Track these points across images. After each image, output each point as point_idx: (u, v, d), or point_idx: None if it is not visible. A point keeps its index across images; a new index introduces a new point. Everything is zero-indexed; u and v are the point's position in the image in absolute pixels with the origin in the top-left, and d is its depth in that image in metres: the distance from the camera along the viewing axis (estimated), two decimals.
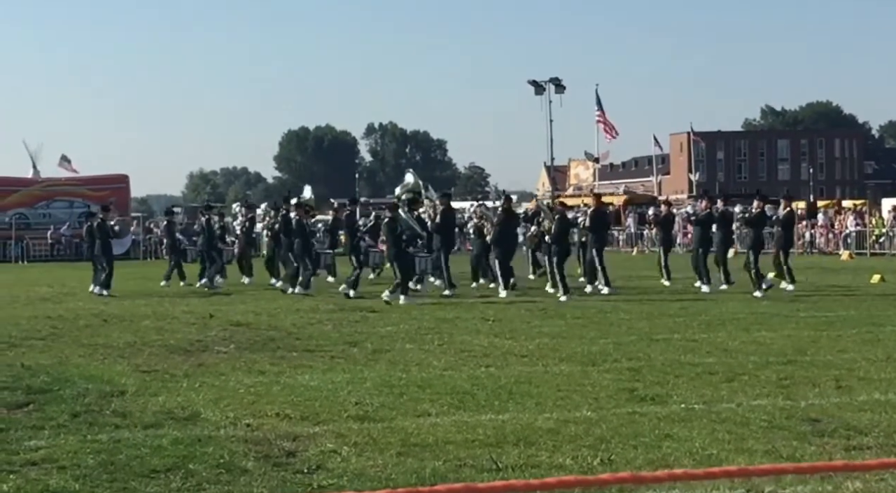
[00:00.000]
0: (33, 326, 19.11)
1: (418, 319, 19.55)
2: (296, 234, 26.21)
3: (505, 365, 13.68)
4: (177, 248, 31.43)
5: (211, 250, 28.95)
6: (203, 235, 29.72)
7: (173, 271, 30.55)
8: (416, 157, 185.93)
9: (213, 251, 28.95)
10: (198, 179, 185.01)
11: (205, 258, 29.39)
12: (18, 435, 9.61)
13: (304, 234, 26.33)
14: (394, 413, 10.53)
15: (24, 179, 58.82)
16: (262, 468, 8.43)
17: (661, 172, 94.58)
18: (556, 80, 70.69)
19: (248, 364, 13.97)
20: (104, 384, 12.33)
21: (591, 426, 9.78)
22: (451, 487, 2.91)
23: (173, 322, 19.47)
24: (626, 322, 18.67)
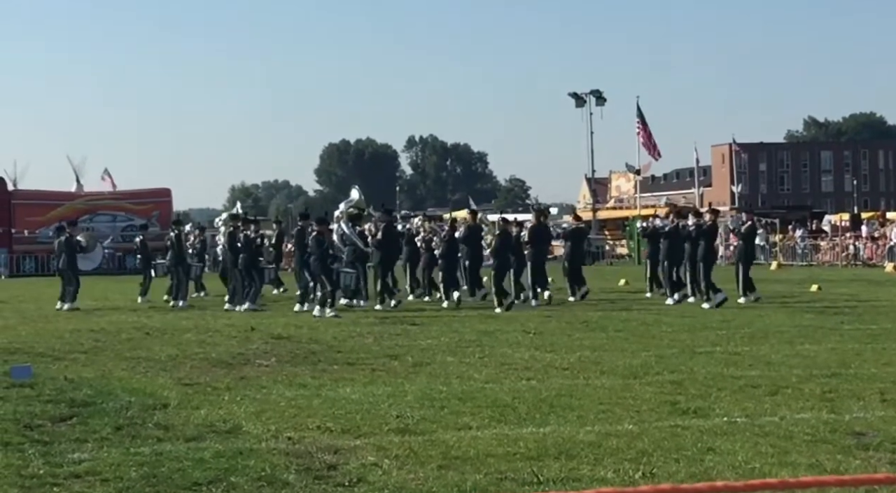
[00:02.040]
0: (76, 339, 19.23)
1: (459, 332, 19.53)
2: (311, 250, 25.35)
3: (546, 378, 13.64)
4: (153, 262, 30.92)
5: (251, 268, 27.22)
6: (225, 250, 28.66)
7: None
8: (456, 169, 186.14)
9: (254, 270, 27.29)
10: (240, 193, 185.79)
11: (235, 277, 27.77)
12: (62, 448, 9.67)
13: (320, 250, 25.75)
14: (434, 426, 10.51)
15: (67, 194, 59.29)
16: (303, 481, 8.44)
17: (702, 184, 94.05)
18: (596, 93, 70.77)
19: (289, 377, 13.99)
20: (147, 397, 12.39)
21: (633, 440, 9.73)
22: None
23: (215, 335, 19.54)
24: (667, 335, 18.58)
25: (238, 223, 28.20)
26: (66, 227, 29.60)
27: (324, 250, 24.75)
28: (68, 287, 27.67)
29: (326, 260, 24.98)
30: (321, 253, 24.70)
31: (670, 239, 26.92)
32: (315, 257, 24.82)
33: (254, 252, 26.96)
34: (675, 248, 26.67)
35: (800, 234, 58.36)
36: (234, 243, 27.33)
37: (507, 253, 26.24)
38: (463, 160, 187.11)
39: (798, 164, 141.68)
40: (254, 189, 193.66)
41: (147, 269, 31.23)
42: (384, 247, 27.37)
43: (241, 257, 26.77)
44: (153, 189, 60.88)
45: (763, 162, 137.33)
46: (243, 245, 26.93)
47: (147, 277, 30.96)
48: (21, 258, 54.30)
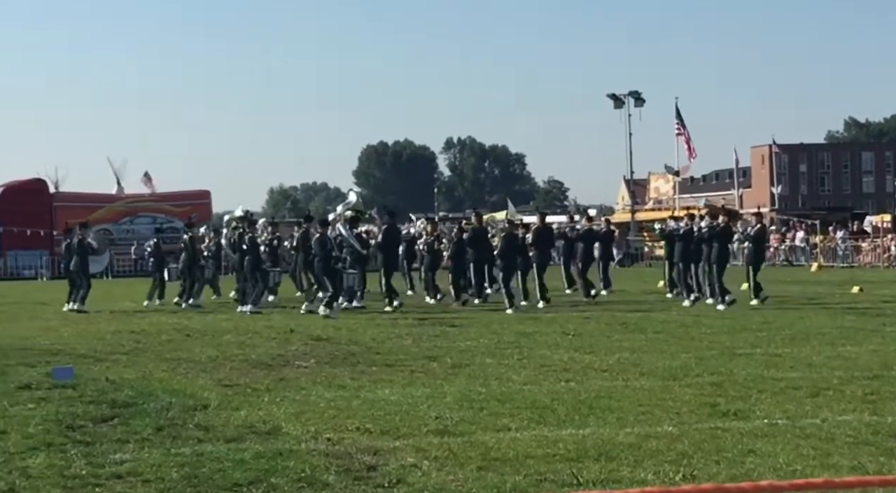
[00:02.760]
0: (117, 340, 19.37)
1: (498, 333, 19.53)
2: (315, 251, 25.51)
3: (585, 379, 13.61)
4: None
5: (255, 269, 27.02)
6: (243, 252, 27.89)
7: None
8: (494, 171, 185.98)
9: (258, 271, 27.08)
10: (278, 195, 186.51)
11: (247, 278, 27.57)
12: (104, 448, 9.73)
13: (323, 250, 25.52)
14: (474, 428, 10.51)
15: (108, 196, 59.75)
16: (342, 482, 8.45)
17: (742, 185, 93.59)
18: (635, 94, 70.50)
19: (328, 379, 14.03)
20: (187, 398, 12.45)
21: (673, 442, 9.69)
22: None
23: (254, 337, 19.62)
24: (707, 337, 18.50)
25: (244, 225, 28.26)
26: (78, 229, 29.65)
27: (327, 251, 24.91)
28: (80, 289, 27.76)
29: (330, 261, 25.12)
30: (325, 254, 24.85)
31: (685, 241, 26.98)
32: (319, 259, 24.97)
33: (258, 254, 27.00)
34: (689, 249, 26.69)
35: (840, 235, 57.97)
36: (241, 245, 27.42)
37: (514, 255, 26.56)
38: (501, 162, 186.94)
39: (839, 165, 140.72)
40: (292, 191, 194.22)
41: (158, 272, 30.95)
42: (385, 249, 27.76)
43: (247, 258, 26.85)
44: (193, 191, 61.27)
45: (803, 163, 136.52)
46: (248, 247, 26.99)
47: (158, 280, 30.60)
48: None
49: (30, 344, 18.86)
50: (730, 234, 26.44)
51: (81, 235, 28.75)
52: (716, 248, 25.71)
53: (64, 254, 29.76)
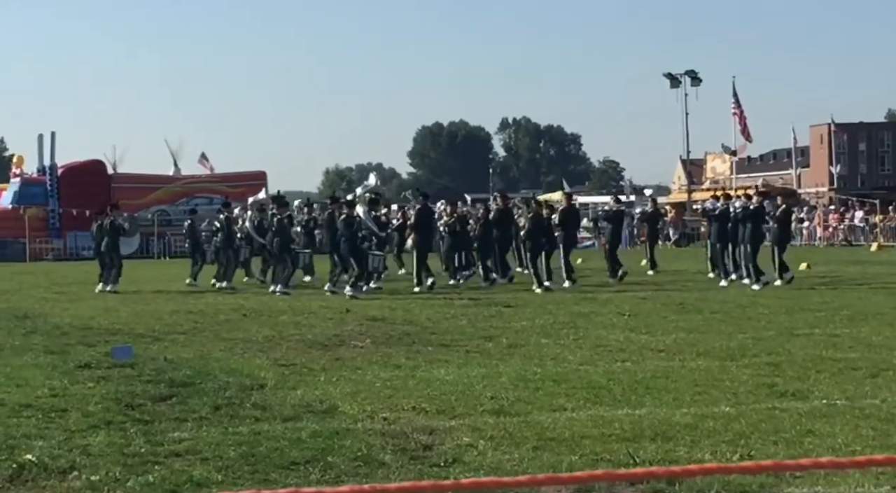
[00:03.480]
0: (175, 320, 19.52)
1: (553, 314, 19.49)
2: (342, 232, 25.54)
3: (641, 360, 13.56)
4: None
5: (283, 251, 27.03)
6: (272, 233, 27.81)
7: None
8: (549, 151, 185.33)
9: (286, 253, 27.08)
10: (333, 176, 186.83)
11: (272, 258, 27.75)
12: (163, 427, 9.83)
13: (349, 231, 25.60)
14: (529, 408, 10.51)
15: (165, 177, 60.15)
16: (399, 461, 8.48)
17: (800, 164, 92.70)
18: (692, 73, 70.08)
19: (384, 358, 14.07)
20: (244, 378, 12.54)
21: (730, 422, 9.64)
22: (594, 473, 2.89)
23: (311, 317, 19.70)
24: (765, 317, 18.36)
25: (274, 206, 28.27)
26: (109, 210, 29.71)
27: (353, 232, 24.97)
28: (111, 270, 27.80)
29: (356, 242, 25.15)
30: (351, 235, 24.90)
31: (720, 221, 26.87)
32: (345, 239, 25.02)
33: (287, 235, 27.04)
34: (725, 229, 26.57)
35: None
36: (270, 226, 27.44)
37: (540, 236, 26.63)
38: (556, 142, 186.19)
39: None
40: (347, 172, 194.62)
41: (196, 252, 30.94)
42: (419, 230, 27.85)
43: (275, 240, 26.89)
44: (249, 172, 61.54)
45: (863, 142, 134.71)
46: (277, 228, 27.01)
47: (196, 261, 30.55)
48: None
49: (89, 324, 19.05)
50: (763, 214, 26.21)
51: (113, 217, 28.87)
52: (749, 228, 25.56)
53: (95, 235, 29.83)
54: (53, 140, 57.46)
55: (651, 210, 34.85)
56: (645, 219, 33.96)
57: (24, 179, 56.92)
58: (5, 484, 8.01)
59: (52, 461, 8.50)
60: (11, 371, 13.19)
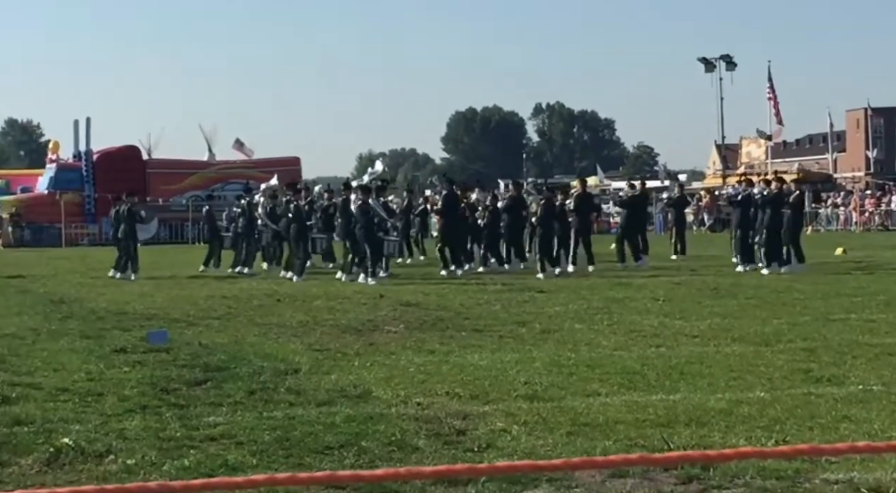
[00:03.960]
0: (210, 305, 19.60)
1: (587, 299, 19.45)
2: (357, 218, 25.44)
3: (676, 345, 13.52)
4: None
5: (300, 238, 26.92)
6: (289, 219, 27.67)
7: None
8: (583, 136, 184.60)
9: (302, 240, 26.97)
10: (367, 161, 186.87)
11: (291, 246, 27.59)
12: (198, 411, 9.88)
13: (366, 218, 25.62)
14: (563, 393, 10.50)
15: (200, 162, 60.39)
16: (432, 446, 8.49)
17: (836, 149, 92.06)
18: (726, 58, 69.69)
19: (417, 343, 14.09)
20: (278, 363, 12.58)
21: (765, 407, 9.60)
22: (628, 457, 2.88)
23: (344, 302, 19.74)
24: (800, 302, 18.26)
25: (290, 193, 28.26)
26: (125, 197, 29.72)
27: (369, 218, 24.97)
28: (124, 258, 27.73)
29: (373, 228, 25.15)
30: (367, 222, 24.90)
31: (742, 207, 26.71)
32: (360, 226, 24.99)
33: (303, 222, 27.05)
34: (748, 215, 26.46)
35: None
36: (286, 213, 27.45)
37: (552, 222, 26.73)
38: (590, 127, 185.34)
39: None
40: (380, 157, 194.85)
41: (215, 239, 31.00)
42: (445, 215, 27.87)
43: (292, 226, 26.91)
44: (283, 158, 61.67)
45: None
46: (294, 215, 27.01)
47: (214, 247, 30.62)
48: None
49: (125, 309, 19.17)
50: (782, 201, 26.00)
51: (129, 204, 28.93)
52: (767, 214, 25.43)
53: (113, 222, 29.93)
54: (89, 126, 57.79)
55: (677, 195, 34.72)
56: (672, 204, 33.82)
57: (59, 165, 57.30)
58: (43, 468, 8.08)
59: (89, 445, 8.55)
60: (48, 356, 13.29)
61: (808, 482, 7.23)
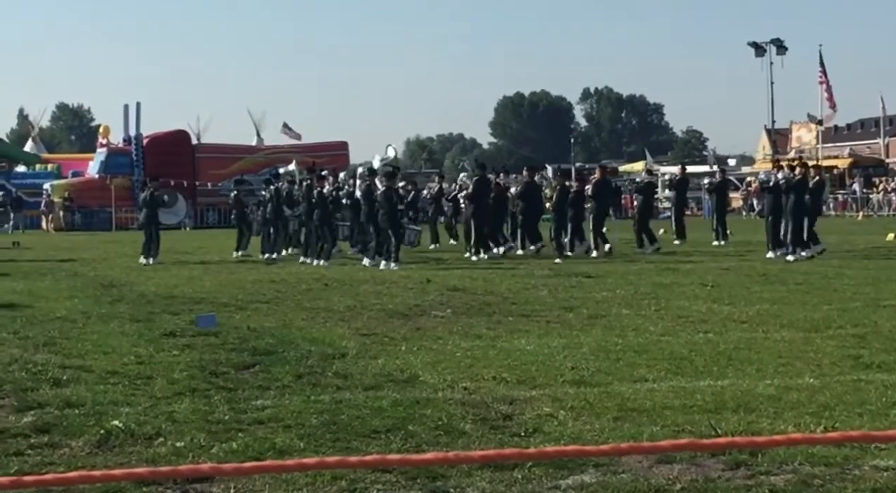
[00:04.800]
0: (258, 289, 19.71)
1: (635, 284, 19.39)
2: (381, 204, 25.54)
3: (724, 331, 13.45)
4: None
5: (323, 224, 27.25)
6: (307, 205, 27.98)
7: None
8: (632, 121, 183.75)
9: (326, 226, 27.31)
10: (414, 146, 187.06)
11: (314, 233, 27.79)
12: (246, 395, 9.94)
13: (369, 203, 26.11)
14: (610, 378, 10.47)
15: (248, 147, 60.72)
16: (479, 431, 8.50)
17: (888, 133, 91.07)
18: (777, 41, 69.07)
19: (464, 328, 14.10)
20: (326, 347, 12.62)
21: (814, 394, 9.53)
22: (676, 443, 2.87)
23: (391, 287, 19.78)
24: (850, 288, 18.12)
25: (313, 179, 28.34)
26: (148, 182, 29.82)
27: (393, 205, 24.96)
28: (150, 243, 27.70)
29: (396, 215, 25.13)
30: (390, 208, 24.89)
31: (774, 193, 26.48)
32: (384, 212, 25.00)
33: (326, 208, 27.09)
34: (776, 201, 26.24)
35: None
36: (310, 199, 27.57)
37: (566, 208, 27.35)
38: (638, 112, 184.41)
39: None
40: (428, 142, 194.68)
41: (242, 223, 31.05)
42: (477, 199, 27.94)
43: (315, 212, 26.96)
44: (331, 142, 61.96)
45: None
46: (317, 201, 27.07)
47: (243, 231, 30.75)
48: (205, 210, 55.88)
49: (174, 293, 19.32)
50: (805, 186, 25.70)
51: (153, 188, 29.05)
52: (792, 199, 25.19)
53: (140, 207, 30.09)
54: (139, 110, 58.26)
55: (718, 180, 34.50)
56: (713, 189, 33.66)
57: (110, 149, 57.87)
58: (94, 450, 8.16)
59: (139, 428, 8.63)
60: (98, 339, 13.42)
61: (857, 469, 7.18)
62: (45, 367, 11.36)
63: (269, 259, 28.23)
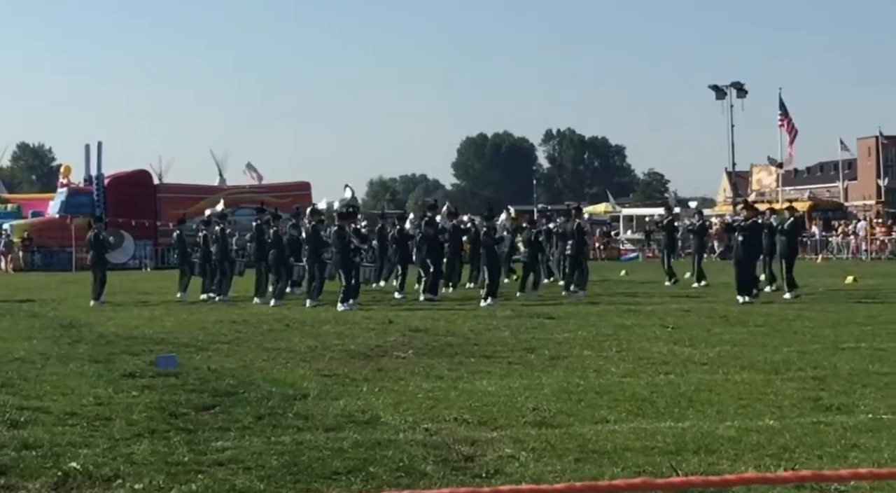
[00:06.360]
0: (219, 330, 19.62)
1: (596, 325, 19.44)
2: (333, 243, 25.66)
3: (685, 372, 13.49)
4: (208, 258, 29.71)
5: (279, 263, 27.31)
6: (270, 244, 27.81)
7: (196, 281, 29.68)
8: (594, 163, 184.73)
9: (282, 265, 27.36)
10: (377, 187, 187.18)
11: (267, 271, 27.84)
12: (206, 436, 9.87)
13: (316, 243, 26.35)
14: (572, 419, 10.48)
15: (210, 187, 60.57)
16: (440, 472, 8.48)
17: (847, 177, 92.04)
18: (737, 85, 69.62)
19: (426, 369, 14.08)
20: (287, 388, 12.57)
21: (774, 435, 9.58)
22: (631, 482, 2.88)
23: (353, 328, 19.74)
24: (810, 330, 18.23)
25: (268, 218, 28.37)
26: (93, 223, 29.60)
27: (345, 244, 24.92)
28: (96, 283, 27.38)
29: (349, 254, 25.09)
30: (343, 247, 24.87)
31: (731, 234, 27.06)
32: (337, 251, 25.00)
33: (282, 247, 27.12)
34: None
35: None
36: (263, 238, 27.64)
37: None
38: (601, 154, 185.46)
39: None
40: (391, 183, 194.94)
41: (184, 264, 30.65)
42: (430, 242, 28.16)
43: (271, 252, 27.00)
44: (293, 183, 61.91)
45: None
46: (273, 240, 27.12)
47: (185, 272, 30.32)
48: (166, 251, 55.62)
49: (133, 333, 19.19)
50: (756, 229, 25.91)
51: (97, 230, 28.78)
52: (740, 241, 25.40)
53: (86, 248, 29.92)
54: (100, 150, 58.04)
55: (699, 222, 34.83)
56: (695, 231, 33.92)
57: (71, 189, 57.53)
58: (51, 492, 8.08)
59: (97, 469, 8.56)
60: (57, 380, 13.31)
61: None
62: (3, 408, 11.26)
63: (222, 300, 27.91)
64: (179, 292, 29.66)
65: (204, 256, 29.32)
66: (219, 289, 28.31)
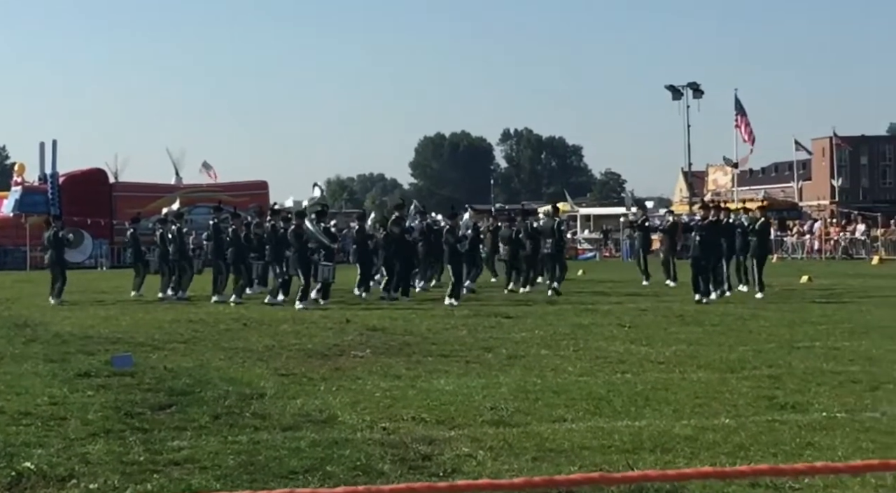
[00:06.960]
0: (175, 329, 19.52)
1: (553, 325, 19.48)
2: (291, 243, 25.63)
3: (641, 371, 13.55)
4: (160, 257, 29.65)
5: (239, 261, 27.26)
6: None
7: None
8: (551, 163, 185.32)
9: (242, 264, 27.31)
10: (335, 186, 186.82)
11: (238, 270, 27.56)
12: (162, 436, 9.82)
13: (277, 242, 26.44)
14: (529, 418, 10.50)
15: (167, 186, 60.23)
16: (398, 471, 8.48)
17: (802, 177, 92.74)
18: (694, 85, 70.12)
19: (384, 368, 14.06)
20: (244, 387, 12.52)
21: (730, 434, 9.64)
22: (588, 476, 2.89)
23: (311, 327, 19.69)
24: (765, 329, 18.36)
25: (226, 216, 28.33)
26: (52, 221, 29.37)
27: (303, 243, 24.95)
28: (56, 283, 27.21)
29: (306, 253, 25.10)
30: (300, 246, 24.90)
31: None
32: (294, 250, 25.02)
33: (241, 246, 27.10)
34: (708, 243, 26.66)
35: None
36: (221, 236, 27.63)
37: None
38: (558, 154, 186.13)
39: None
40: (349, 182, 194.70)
41: (138, 262, 30.56)
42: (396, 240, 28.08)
43: (230, 250, 26.98)
44: (250, 182, 61.68)
45: (864, 155, 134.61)
46: (232, 239, 27.10)
47: (139, 271, 30.21)
48: (122, 250, 55.25)
49: (89, 333, 19.05)
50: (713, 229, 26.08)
51: (56, 228, 28.57)
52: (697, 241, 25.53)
53: (43, 247, 29.67)
54: (55, 148, 57.55)
55: (670, 222, 34.96)
56: (667, 230, 34.00)
57: (25, 188, 57.02)
58: (4, 492, 8.01)
59: (51, 469, 8.49)
60: (11, 379, 13.19)
61: None
62: None
63: (180, 298, 27.80)
64: (133, 290, 29.52)
65: (161, 255, 29.18)
66: (177, 288, 28.19)
